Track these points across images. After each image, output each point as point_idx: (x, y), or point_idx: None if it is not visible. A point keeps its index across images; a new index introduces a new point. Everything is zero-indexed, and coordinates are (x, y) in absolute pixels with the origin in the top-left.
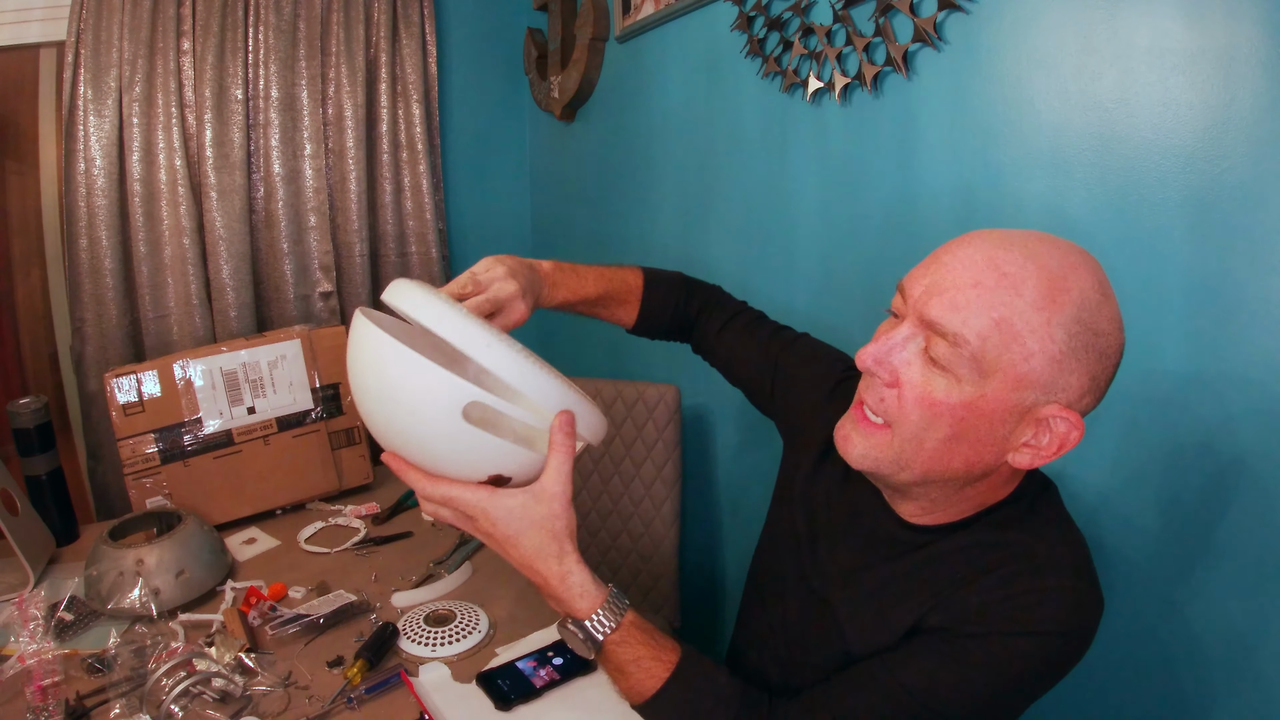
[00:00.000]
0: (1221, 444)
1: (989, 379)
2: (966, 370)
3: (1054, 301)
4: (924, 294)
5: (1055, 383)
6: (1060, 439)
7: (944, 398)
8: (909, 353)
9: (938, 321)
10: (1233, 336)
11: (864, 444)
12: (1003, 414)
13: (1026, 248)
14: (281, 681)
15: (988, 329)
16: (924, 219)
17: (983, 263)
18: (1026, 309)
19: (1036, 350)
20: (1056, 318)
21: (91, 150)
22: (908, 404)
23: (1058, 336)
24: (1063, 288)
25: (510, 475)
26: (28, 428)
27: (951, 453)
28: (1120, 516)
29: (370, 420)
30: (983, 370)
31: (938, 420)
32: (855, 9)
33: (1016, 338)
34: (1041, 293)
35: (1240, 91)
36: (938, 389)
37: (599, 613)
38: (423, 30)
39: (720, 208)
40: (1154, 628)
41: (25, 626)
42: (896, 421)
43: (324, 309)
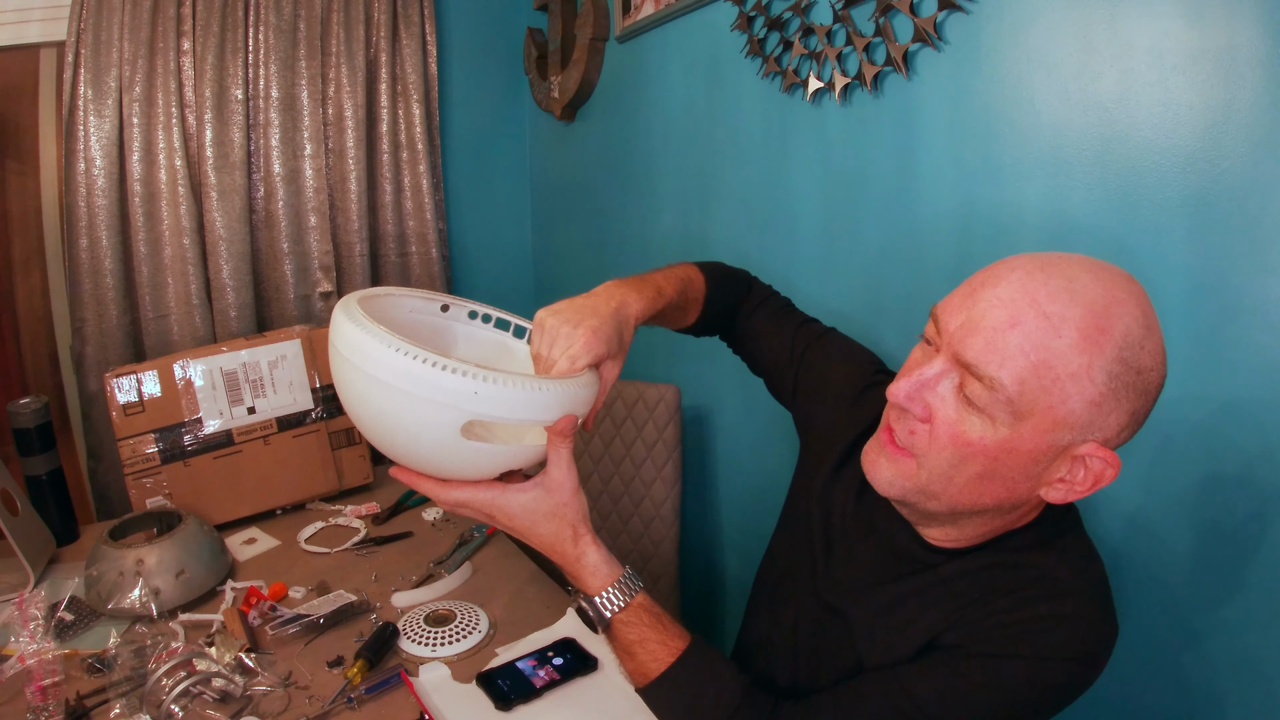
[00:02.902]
0: (1225, 445)
1: (1024, 421)
2: (1002, 413)
3: (1095, 343)
4: (960, 331)
5: (1093, 423)
6: (1095, 476)
7: (977, 438)
8: (943, 389)
9: (974, 364)
10: (1233, 336)
11: (891, 471)
12: (1036, 455)
13: (1070, 282)
14: (281, 681)
15: (1025, 373)
16: (924, 219)
17: (1023, 301)
18: (1067, 351)
19: (1075, 394)
20: (1098, 360)
21: (91, 150)
22: (939, 440)
23: (1098, 379)
24: (1105, 327)
25: (519, 468)
26: (28, 428)
27: (982, 490)
28: (1122, 520)
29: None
30: (1018, 413)
31: (970, 459)
32: (855, 9)
33: (1056, 382)
34: (1083, 333)
35: (1240, 91)
36: (971, 429)
37: (609, 591)
38: (423, 30)
39: (720, 208)
40: (1170, 647)
41: (25, 626)
42: (925, 455)
43: (324, 309)
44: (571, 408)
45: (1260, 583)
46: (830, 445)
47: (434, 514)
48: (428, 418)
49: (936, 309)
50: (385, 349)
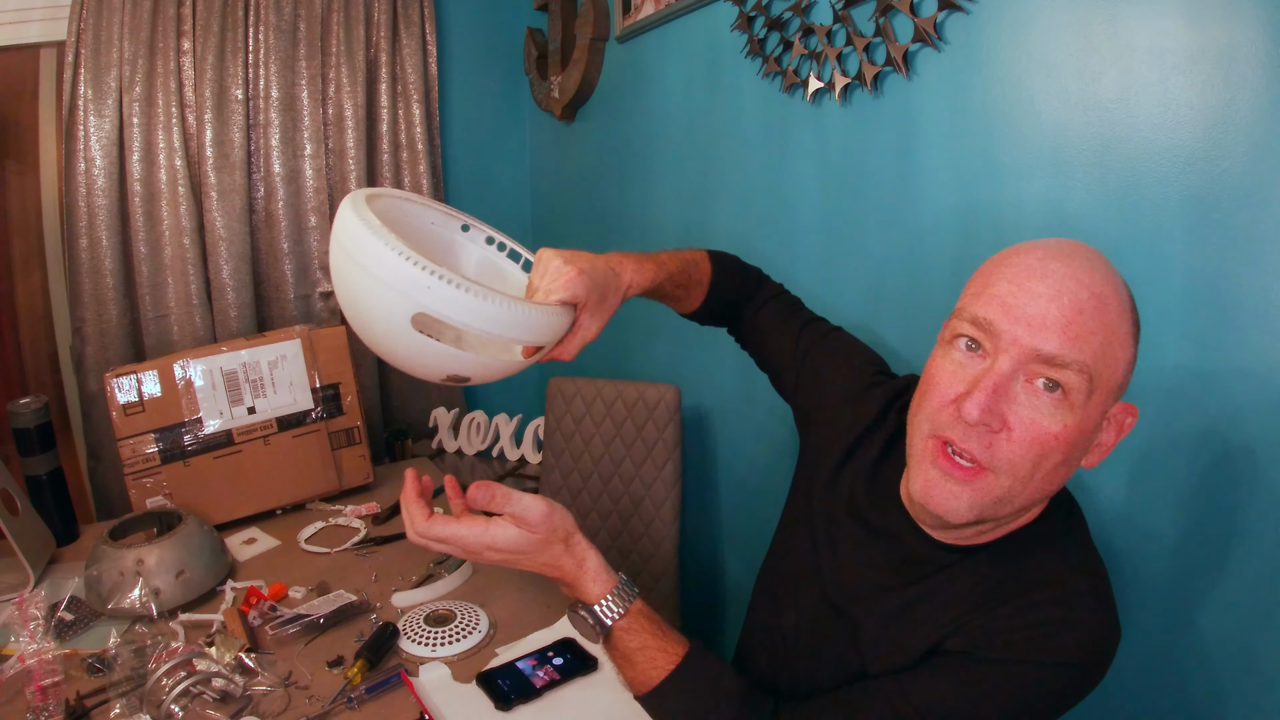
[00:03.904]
0: (1222, 444)
1: (1093, 397)
2: (1082, 396)
3: (1127, 309)
4: (1030, 329)
5: (1127, 382)
6: (1118, 428)
7: (1058, 429)
8: (1014, 392)
9: (1059, 354)
10: (1233, 336)
11: (970, 495)
12: (1095, 425)
13: (1089, 260)
14: (281, 681)
15: (1100, 349)
16: (924, 219)
17: (1075, 286)
18: (1116, 321)
19: (1122, 358)
20: (1128, 323)
21: (91, 150)
22: (1021, 444)
23: (1129, 341)
24: (1123, 294)
25: (468, 376)
26: (28, 428)
27: (1054, 478)
28: (1118, 519)
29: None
30: (1092, 391)
31: (1052, 452)
32: (855, 9)
33: (1113, 353)
34: (1120, 303)
35: (1240, 91)
36: (1047, 420)
37: (609, 598)
38: (423, 30)
39: (720, 208)
40: (1167, 641)
41: (25, 626)
42: (1006, 464)
43: (324, 309)
44: (526, 331)
45: (1261, 581)
46: (832, 444)
47: None
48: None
49: (978, 313)
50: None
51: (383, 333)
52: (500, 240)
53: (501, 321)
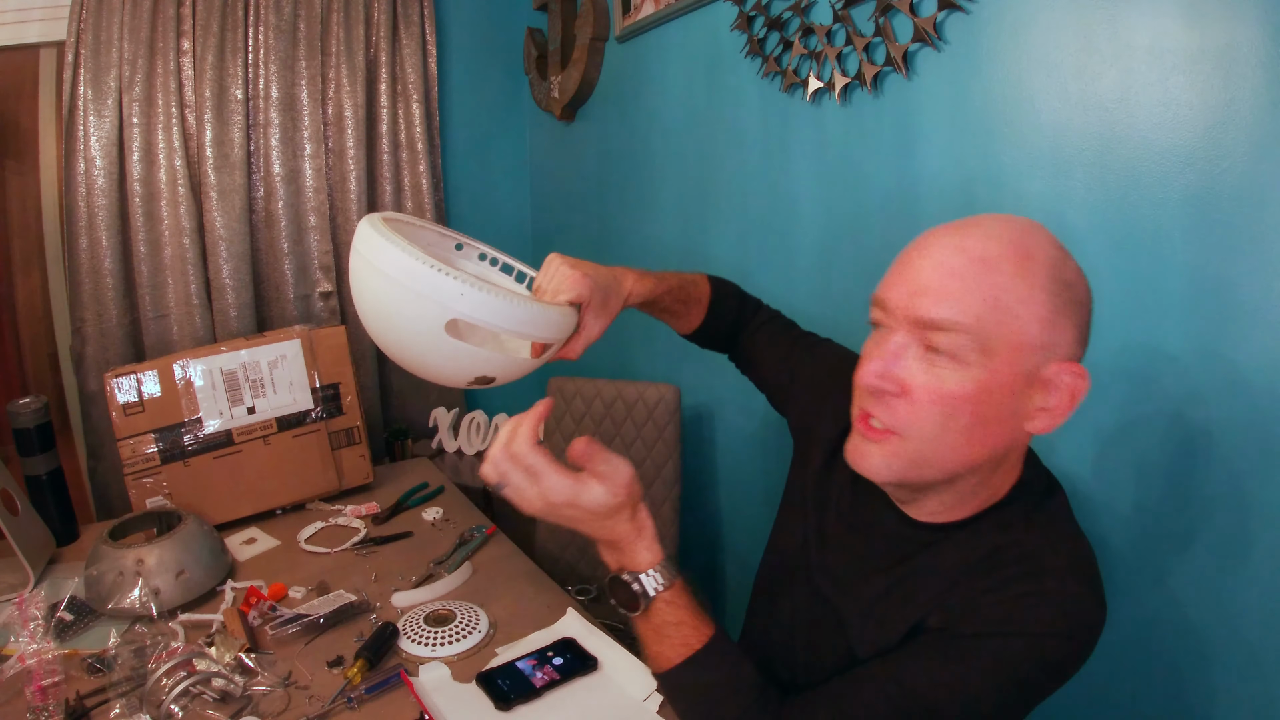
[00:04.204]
0: (1222, 442)
1: (993, 357)
2: (973, 355)
3: (1028, 269)
4: (909, 297)
5: (1050, 342)
6: (1069, 391)
7: (957, 388)
8: (910, 358)
9: (934, 319)
10: (1233, 336)
11: (880, 455)
12: (1012, 386)
13: (986, 230)
14: (281, 681)
15: (980, 309)
16: (924, 219)
17: (956, 254)
18: (1008, 282)
19: (1027, 317)
20: (1036, 282)
21: (91, 150)
22: (922, 406)
23: (1040, 299)
24: (1030, 254)
25: (494, 376)
26: (28, 428)
27: (973, 440)
28: (1118, 516)
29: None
30: (986, 350)
31: (956, 412)
32: (855, 9)
33: (1009, 311)
34: (1015, 264)
35: (1240, 91)
36: (948, 381)
37: (656, 569)
38: (423, 30)
39: (720, 207)
40: (1152, 620)
41: (25, 626)
42: (910, 426)
43: (324, 309)
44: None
45: (1269, 584)
46: (820, 439)
47: (434, 514)
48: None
49: (877, 295)
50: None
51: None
52: (493, 255)
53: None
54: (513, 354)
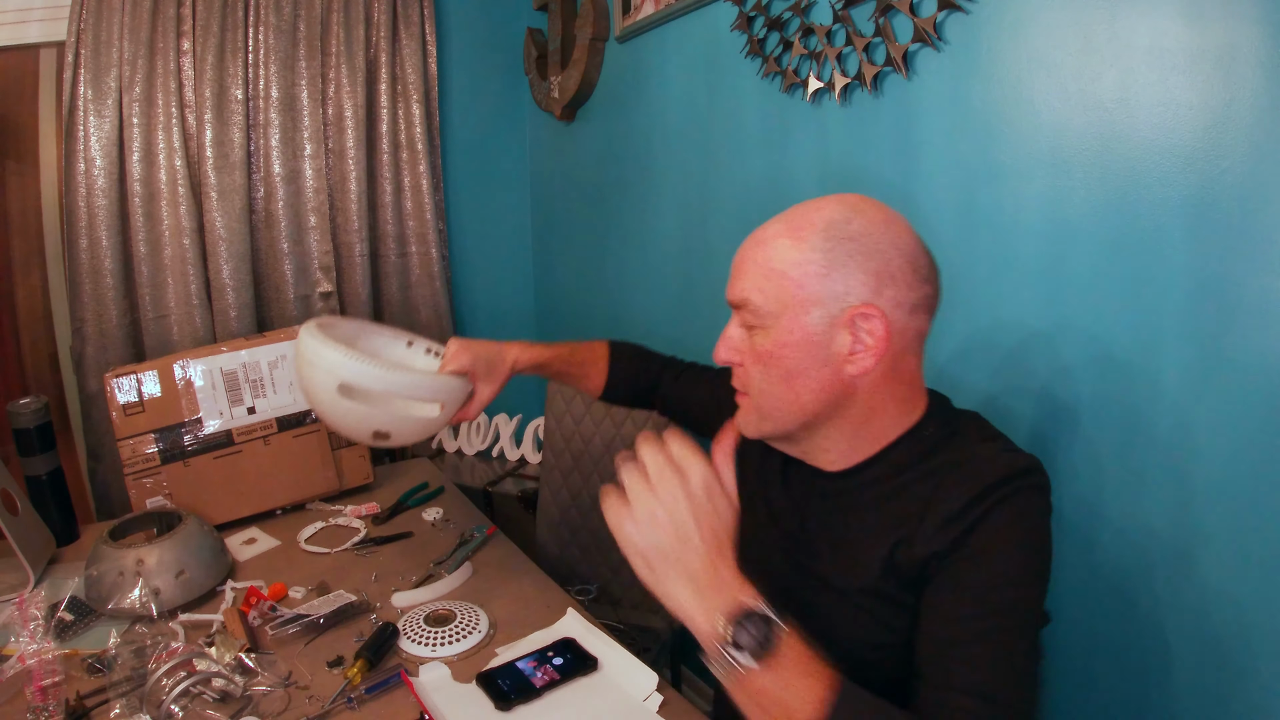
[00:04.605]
0: (1223, 442)
1: (783, 314)
2: (769, 319)
3: (800, 236)
4: (728, 289)
5: (834, 291)
6: (876, 330)
7: (768, 347)
8: (736, 335)
9: (735, 299)
10: (1233, 336)
11: (743, 416)
12: (810, 336)
13: (784, 216)
14: (281, 681)
15: (761, 280)
16: (924, 219)
17: (749, 243)
18: (781, 251)
19: (803, 276)
20: (805, 244)
21: (91, 150)
22: (750, 368)
23: (814, 258)
24: (806, 222)
25: (389, 433)
26: (28, 428)
27: (796, 387)
28: (1116, 516)
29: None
30: (775, 312)
31: (772, 366)
32: (855, 9)
33: (783, 275)
34: (788, 235)
35: (1240, 91)
36: (760, 343)
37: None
38: (423, 30)
39: (720, 207)
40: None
41: (25, 626)
42: (749, 384)
43: (324, 309)
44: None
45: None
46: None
47: (434, 514)
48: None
49: None
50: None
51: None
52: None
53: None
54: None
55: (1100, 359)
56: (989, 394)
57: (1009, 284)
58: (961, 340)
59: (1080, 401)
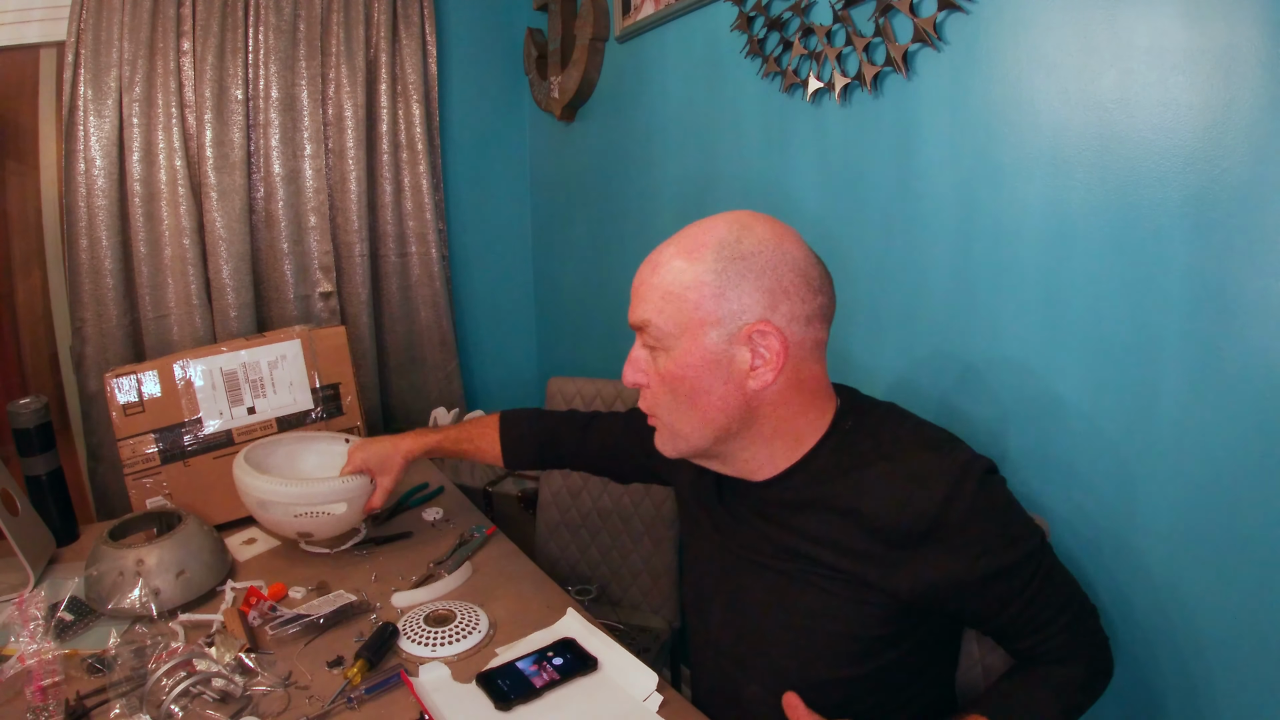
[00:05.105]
0: (1223, 443)
1: (683, 335)
2: (670, 340)
3: (694, 257)
4: (629, 311)
5: (730, 310)
6: (770, 347)
7: (671, 368)
8: (641, 356)
9: (636, 322)
10: (1233, 336)
11: (659, 438)
12: (709, 356)
13: (675, 239)
14: (281, 681)
15: (660, 303)
16: (924, 219)
17: (646, 267)
18: (676, 274)
19: (698, 297)
20: (700, 265)
21: (91, 150)
22: (657, 389)
23: (708, 279)
24: (699, 244)
25: (310, 532)
26: (28, 428)
27: (702, 405)
28: (1112, 517)
29: None
30: (675, 334)
31: (677, 386)
32: (855, 9)
33: (681, 297)
34: (681, 257)
35: (1240, 91)
36: (663, 365)
37: None
38: (423, 30)
39: (720, 208)
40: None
41: (25, 626)
42: (658, 406)
43: (324, 309)
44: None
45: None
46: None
47: (434, 514)
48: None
49: None
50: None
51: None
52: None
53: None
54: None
55: (1100, 359)
56: (989, 394)
57: (1008, 284)
58: (961, 341)
59: (1079, 401)
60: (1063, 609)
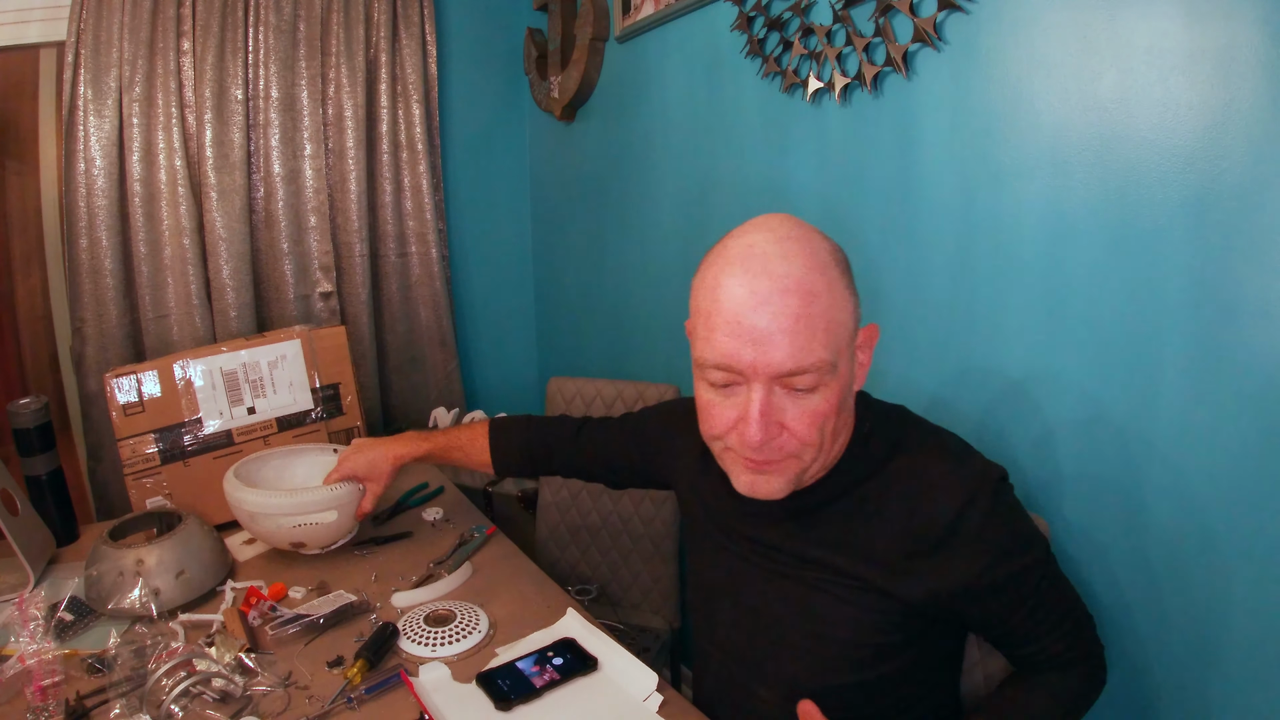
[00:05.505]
0: (1224, 443)
1: (839, 364)
2: (829, 374)
3: (827, 274)
4: (761, 357)
5: (856, 317)
6: (867, 343)
7: (824, 405)
8: (778, 402)
9: (794, 367)
10: (1233, 336)
11: (779, 481)
12: (848, 377)
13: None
14: (281, 681)
15: (827, 336)
16: (924, 219)
17: (784, 297)
18: (829, 296)
19: (844, 318)
20: (836, 278)
21: (91, 150)
22: (803, 433)
23: (846, 293)
24: (818, 259)
25: (304, 541)
26: (28, 428)
27: (841, 428)
28: (1109, 517)
29: None
30: (835, 363)
31: (828, 419)
32: (855, 9)
33: (838, 323)
34: (826, 271)
35: (1240, 91)
36: (819, 404)
37: None
38: (423, 30)
39: (720, 208)
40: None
41: (25, 626)
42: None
43: (324, 309)
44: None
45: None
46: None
47: (434, 514)
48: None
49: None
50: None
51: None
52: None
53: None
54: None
55: (1100, 359)
56: (988, 394)
57: (1008, 284)
58: (961, 341)
59: (1079, 401)
60: (1065, 616)
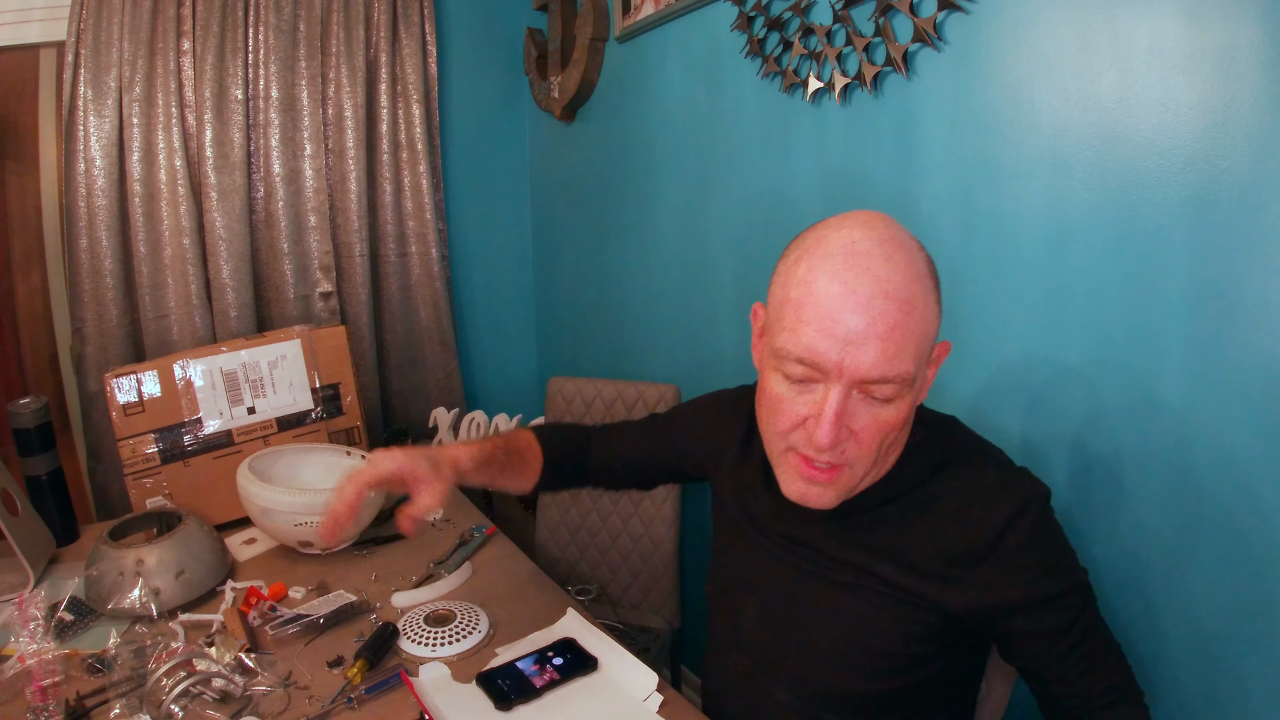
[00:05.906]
0: (1224, 443)
1: (919, 377)
2: (910, 388)
3: (924, 284)
4: (848, 357)
5: (936, 331)
6: (938, 360)
7: (895, 417)
8: (851, 407)
9: (881, 374)
10: (1233, 336)
11: (834, 491)
12: (921, 387)
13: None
14: (281, 681)
15: (918, 347)
16: (924, 219)
17: (884, 303)
18: (924, 307)
19: (934, 325)
20: (929, 294)
21: (91, 150)
22: (867, 441)
23: (934, 303)
24: (917, 267)
25: (310, 540)
26: (28, 428)
27: (899, 442)
28: (1108, 517)
29: None
30: (916, 376)
31: (892, 431)
32: (855, 9)
33: (927, 337)
34: (922, 281)
35: (1240, 91)
36: (891, 415)
37: None
38: (423, 30)
39: (720, 208)
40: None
41: (25, 626)
42: (857, 459)
43: (324, 309)
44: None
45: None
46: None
47: (434, 514)
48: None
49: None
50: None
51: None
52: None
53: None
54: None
55: (1100, 359)
56: (987, 395)
57: (1009, 284)
58: (961, 341)
59: (1079, 401)
60: (1109, 649)
